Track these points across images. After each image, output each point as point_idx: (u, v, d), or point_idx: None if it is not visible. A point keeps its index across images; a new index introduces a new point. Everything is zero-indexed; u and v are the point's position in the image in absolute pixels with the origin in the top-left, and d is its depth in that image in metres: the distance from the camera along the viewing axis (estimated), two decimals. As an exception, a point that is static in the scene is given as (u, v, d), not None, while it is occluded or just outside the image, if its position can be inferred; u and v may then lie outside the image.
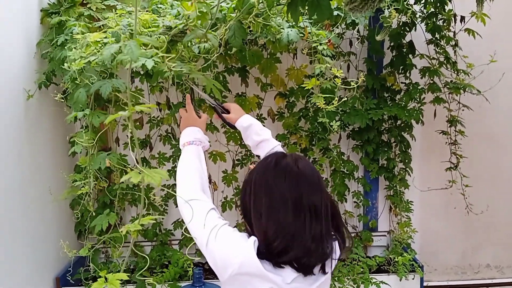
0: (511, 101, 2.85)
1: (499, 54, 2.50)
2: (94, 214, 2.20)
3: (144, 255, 2.64)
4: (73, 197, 2.51)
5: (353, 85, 1.73)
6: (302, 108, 2.68)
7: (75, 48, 1.61)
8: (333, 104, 1.77)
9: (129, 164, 2.61)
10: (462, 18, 2.47)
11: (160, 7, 1.92)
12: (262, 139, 1.57)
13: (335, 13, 2.00)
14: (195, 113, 1.56)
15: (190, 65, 1.35)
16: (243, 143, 2.69)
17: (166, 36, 1.26)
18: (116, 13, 1.61)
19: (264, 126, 2.65)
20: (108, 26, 1.56)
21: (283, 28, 1.91)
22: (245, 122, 1.59)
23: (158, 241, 2.71)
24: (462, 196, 2.70)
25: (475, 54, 2.52)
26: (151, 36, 1.33)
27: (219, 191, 2.80)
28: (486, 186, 2.91)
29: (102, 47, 1.48)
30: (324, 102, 1.87)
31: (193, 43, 1.59)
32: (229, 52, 2.36)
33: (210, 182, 2.78)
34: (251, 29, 1.85)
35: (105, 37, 1.44)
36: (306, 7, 0.97)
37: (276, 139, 2.67)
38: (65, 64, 1.68)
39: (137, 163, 0.87)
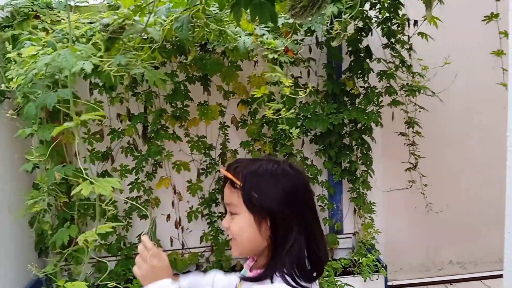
0: (464, 101, 2.96)
1: (452, 56, 2.60)
2: (51, 230, 2.12)
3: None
4: (33, 214, 2.43)
5: (302, 95, 1.76)
6: (264, 114, 2.69)
7: (13, 64, 1.55)
8: (284, 112, 1.79)
9: (89, 178, 2.56)
10: (415, 22, 2.55)
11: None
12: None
13: (291, 21, 2.02)
14: (166, 258, 1.10)
15: (132, 56, 1.29)
16: (207, 151, 2.69)
17: (104, 34, 1.23)
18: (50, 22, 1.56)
19: (227, 134, 2.70)
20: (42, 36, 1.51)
21: (240, 36, 1.92)
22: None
23: (123, 256, 2.65)
24: (422, 195, 2.78)
25: (430, 57, 2.61)
26: (88, 37, 1.29)
27: (184, 201, 2.77)
28: (445, 185, 3.00)
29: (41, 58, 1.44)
30: (283, 109, 1.89)
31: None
32: (185, 61, 2.35)
33: (175, 192, 2.75)
34: (207, 37, 1.86)
35: (41, 49, 1.39)
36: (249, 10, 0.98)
37: (240, 146, 2.72)
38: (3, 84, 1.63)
39: (84, 173, 0.85)
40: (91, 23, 1.70)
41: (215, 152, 2.74)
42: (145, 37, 1.39)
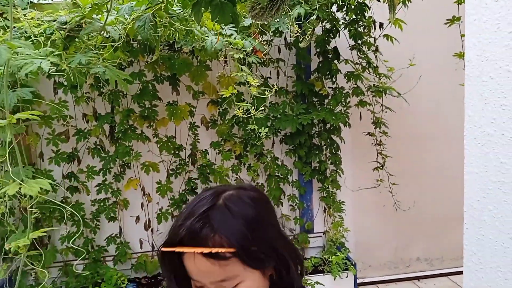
0: (428, 101, 3.04)
1: (417, 58, 2.67)
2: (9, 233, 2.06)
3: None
4: (-6, 217, 2.35)
5: (268, 94, 1.77)
6: (234, 115, 2.69)
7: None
8: (253, 112, 1.80)
9: (55, 180, 2.50)
10: (381, 25, 2.61)
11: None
12: None
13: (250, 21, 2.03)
14: None
15: (93, 55, 1.26)
16: (176, 152, 2.66)
17: (62, 32, 1.20)
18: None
19: (197, 134, 2.68)
20: None
21: (207, 36, 1.92)
22: None
23: (91, 259, 2.60)
24: (390, 194, 2.83)
25: (395, 58, 2.67)
26: (47, 35, 1.26)
27: (154, 203, 2.74)
28: (412, 183, 3.07)
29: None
30: (249, 109, 1.90)
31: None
32: (151, 61, 2.33)
33: (144, 194, 2.72)
34: (174, 36, 1.85)
35: None
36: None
37: (210, 147, 2.71)
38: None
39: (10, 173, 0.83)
40: (53, 21, 1.67)
41: (184, 152, 2.72)
42: (107, 36, 1.36)
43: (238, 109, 2.11)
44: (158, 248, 0.82)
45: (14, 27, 1.53)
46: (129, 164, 2.63)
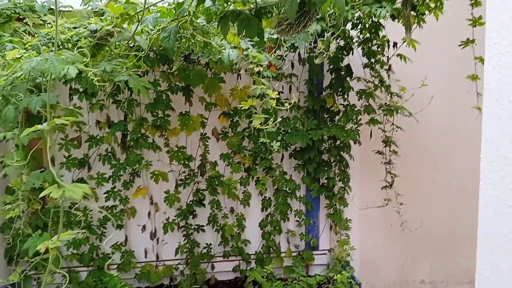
0: (440, 122, 3.05)
1: (429, 78, 2.68)
2: (23, 237, 2.07)
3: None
4: (4, 220, 2.36)
5: (286, 107, 1.78)
6: (245, 127, 2.71)
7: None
8: (270, 124, 1.81)
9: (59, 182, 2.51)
10: (395, 44, 2.63)
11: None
12: None
13: (275, 36, 2.06)
14: None
15: (117, 63, 1.29)
16: (186, 162, 2.67)
17: (91, 39, 1.22)
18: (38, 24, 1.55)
19: (207, 145, 2.69)
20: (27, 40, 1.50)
21: (224, 49, 1.94)
22: None
23: (95, 266, 2.59)
24: (397, 213, 2.82)
25: (408, 78, 2.69)
26: (74, 42, 1.29)
27: (161, 212, 2.74)
28: (420, 204, 3.06)
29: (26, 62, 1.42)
30: (263, 122, 1.91)
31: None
32: (170, 70, 2.36)
33: (151, 203, 2.72)
34: (192, 48, 1.87)
35: (25, 52, 1.38)
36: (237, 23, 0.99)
37: (220, 159, 2.72)
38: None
39: (57, 178, 0.83)
40: (75, 28, 1.70)
41: (194, 163, 2.73)
42: (131, 45, 1.39)
43: (254, 121, 2.12)
44: None
45: (38, 34, 1.56)
46: (139, 173, 2.65)
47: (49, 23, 1.44)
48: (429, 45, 2.58)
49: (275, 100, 1.80)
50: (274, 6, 0.98)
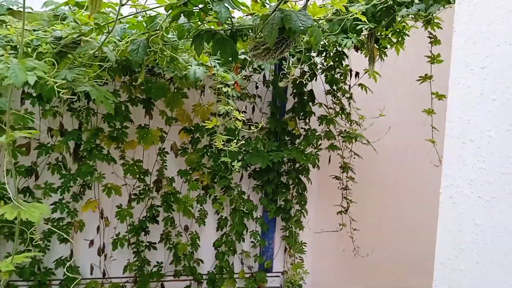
0: (396, 152, 3.14)
1: (387, 109, 2.77)
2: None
3: None
4: None
5: (253, 130, 1.77)
6: (206, 145, 2.67)
7: None
8: (233, 145, 1.79)
9: (8, 193, 2.34)
10: (357, 74, 2.71)
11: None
12: None
13: (242, 56, 2.05)
14: None
15: (79, 72, 1.22)
16: (141, 177, 2.58)
17: (54, 46, 1.16)
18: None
19: (165, 160, 2.63)
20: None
21: (190, 65, 1.91)
22: None
23: (36, 281, 2.42)
24: (351, 239, 2.86)
25: (367, 107, 2.76)
26: (34, 46, 1.21)
27: (111, 228, 2.62)
28: (372, 230, 3.11)
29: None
30: (224, 142, 1.89)
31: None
32: (132, 82, 2.30)
33: (102, 217, 2.60)
34: (157, 61, 1.83)
35: None
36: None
37: (177, 175, 2.65)
38: None
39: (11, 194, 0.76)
40: (34, 30, 1.61)
41: (150, 178, 2.64)
42: (96, 55, 1.33)
43: (213, 139, 2.08)
44: None
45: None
46: (90, 185, 2.53)
47: (8, 25, 1.35)
48: (390, 77, 2.67)
49: (241, 122, 1.78)
50: (250, 30, 0.97)
